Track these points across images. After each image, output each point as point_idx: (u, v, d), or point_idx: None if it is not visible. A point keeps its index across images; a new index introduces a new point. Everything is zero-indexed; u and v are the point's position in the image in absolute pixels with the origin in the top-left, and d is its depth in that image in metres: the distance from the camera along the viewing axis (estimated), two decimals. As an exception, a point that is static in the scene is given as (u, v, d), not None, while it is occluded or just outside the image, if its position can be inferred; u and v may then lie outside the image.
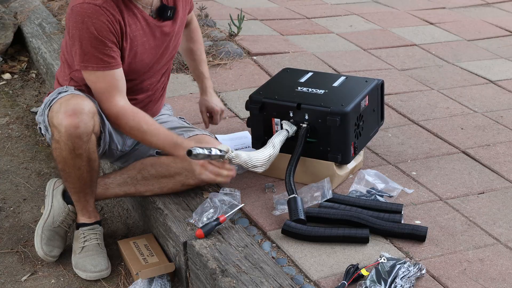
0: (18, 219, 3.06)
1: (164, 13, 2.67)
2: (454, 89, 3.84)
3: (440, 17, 5.20)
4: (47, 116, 2.57)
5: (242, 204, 2.63)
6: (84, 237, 2.70)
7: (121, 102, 2.59)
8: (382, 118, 3.06)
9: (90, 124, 2.50)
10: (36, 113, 4.00)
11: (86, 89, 2.64)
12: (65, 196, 2.77)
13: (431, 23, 5.02)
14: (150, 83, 2.77)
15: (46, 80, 4.33)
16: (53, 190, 2.79)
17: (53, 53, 4.29)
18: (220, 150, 2.51)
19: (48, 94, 2.76)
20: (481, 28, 4.94)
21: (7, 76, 4.48)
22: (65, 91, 2.61)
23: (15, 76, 4.50)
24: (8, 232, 2.98)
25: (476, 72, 4.10)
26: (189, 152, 2.41)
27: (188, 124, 2.95)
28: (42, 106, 2.67)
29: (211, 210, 2.59)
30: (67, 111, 2.46)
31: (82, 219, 2.72)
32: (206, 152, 2.45)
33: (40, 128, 2.79)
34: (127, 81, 2.63)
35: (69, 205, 2.75)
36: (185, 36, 3.02)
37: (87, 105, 2.50)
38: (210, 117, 3.11)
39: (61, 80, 2.76)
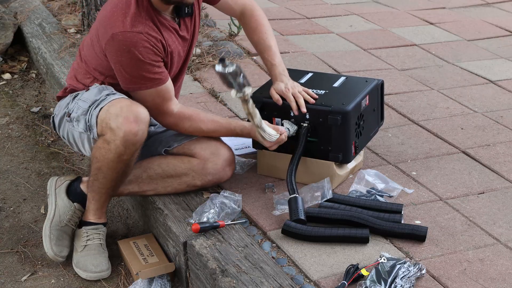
0: (18, 219, 3.06)
1: (181, 11, 2.67)
2: (454, 89, 3.84)
3: (440, 17, 5.20)
4: (96, 116, 2.57)
5: (245, 220, 2.62)
6: (87, 236, 2.70)
7: (176, 109, 2.67)
8: (382, 118, 3.06)
9: (146, 133, 2.56)
10: (36, 113, 4.00)
11: (119, 88, 2.68)
12: (69, 194, 2.76)
13: (431, 23, 5.02)
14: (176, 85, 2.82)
15: (46, 80, 4.33)
16: (56, 189, 2.78)
17: (53, 53, 4.29)
18: (243, 85, 2.43)
19: (68, 91, 2.76)
20: (481, 28, 4.94)
21: (7, 76, 4.48)
22: (113, 93, 2.62)
23: (15, 76, 4.50)
24: (8, 232, 2.98)
25: (476, 72, 4.10)
26: (222, 60, 2.37)
27: None
28: (83, 105, 2.64)
29: (212, 211, 2.59)
30: (129, 117, 2.49)
31: (91, 218, 2.72)
32: (239, 78, 2.41)
33: (53, 122, 2.80)
34: None
35: (74, 203, 2.74)
36: (244, 27, 2.99)
37: (146, 114, 2.55)
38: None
39: (81, 79, 2.75)
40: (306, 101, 2.76)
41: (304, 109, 2.74)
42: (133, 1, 2.54)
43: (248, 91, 2.44)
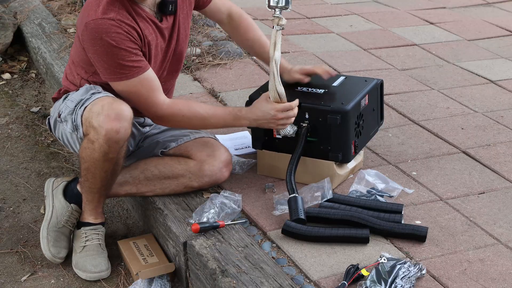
0: (18, 219, 3.06)
1: (165, 8, 2.65)
2: (454, 89, 3.84)
3: (440, 17, 5.19)
4: (81, 116, 2.56)
5: (245, 220, 2.62)
6: (86, 237, 2.70)
7: (166, 100, 2.62)
8: (382, 118, 3.06)
9: (129, 130, 2.53)
10: (36, 113, 4.00)
11: (107, 87, 2.65)
12: (66, 195, 2.76)
13: (431, 23, 5.01)
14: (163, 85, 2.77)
15: (46, 80, 4.33)
16: (53, 190, 2.78)
17: (53, 53, 4.29)
18: None
19: (62, 92, 2.75)
20: (481, 28, 4.93)
21: (6, 76, 4.48)
22: (99, 92, 2.61)
23: (15, 76, 4.49)
24: (8, 232, 2.98)
25: (477, 72, 4.09)
26: None
27: None
28: (70, 105, 2.63)
29: (212, 211, 2.59)
30: (110, 115, 2.47)
31: (88, 219, 2.72)
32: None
33: (49, 123, 2.79)
34: None
35: (71, 204, 2.74)
36: (233, 30, 2.98)
37: (129, 111, 2.52)
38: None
39: (71, 79, 2.75)
40: (306, 100, 2.76)
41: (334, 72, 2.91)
42: None
43: (284, 21, 2.57)
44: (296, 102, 2.67)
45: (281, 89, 2.63)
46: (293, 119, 2.67)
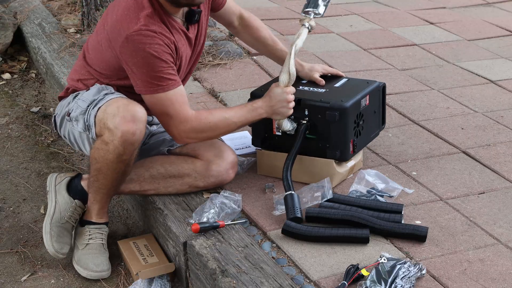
0: (18, 219, 3.06)
1: (192, 18, 2.68)
2: (454, 89, 3.84)
3: (440, 17, 5.19)
4: (94, 116, 2.56)
5: (245, 220, 2.62)
6: (89, 235, 2.70)
7: (193, 112, 2.61)
8: (383, 122, 3.06)
9: (144, 132, 2.54)
10: (36, 113, 4.00)
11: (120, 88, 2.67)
12: (70, 190, 2.76)
13: (431, 23, 5.01)
14: None
15: (46, 80, 4.33)
16: (56, 186, 2.78)
17: (53, 53, 4.29)
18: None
19: (70, 91, 2.74)
20: (481, 28, 4.94)
21: (6, 76, 4.48)
22: (112, 93, 2.61)
23: (15, 76, 4.49)
24: (8, 232, 2.98)
25: (477, 72, 4.09)
26: None
27: None
28: (82, 104, 2.63)
29: (212, 211, 2.59)
30: (126, 117, 2.48)
31: (93, 218, 2.72)
32: None
33: (54, 121, 2.79)
34: None
35: (75, 200, 2.74)
36: (245, 30, 3.01)
37: (143, 113, 2.53)
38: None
39: (83, 79, 2.74)
40: (306, 97, 2.78)
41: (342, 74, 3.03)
42: (145, 3, 2.53)
43: (313, 23, 2.76)
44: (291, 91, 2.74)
45: (293, 71, 2.71)
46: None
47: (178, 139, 2.65)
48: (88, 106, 2.60)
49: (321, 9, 2.79)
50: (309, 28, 2.77)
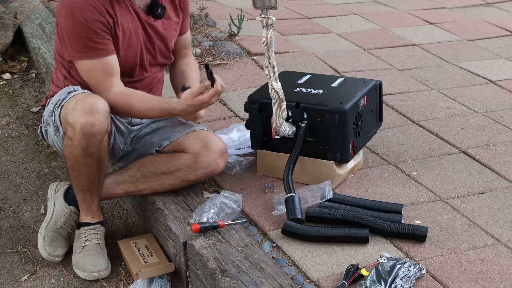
0: (18, 219, 3.06)
1: (155, 9, 2.71)
2: (454, 89, 3.84)
3: (440, 17, 5.20)
4: (59, 116, 2.58)
5: (245, 220, 2.62)
6: (85, 237, 2.70)
7: (118, 89, 2.64)
8: (380, 119, 3.06)
9: (105, 123, 2.53)
10: (36, 113, 4.00)
11: (84, 87, 2.67)
12: (67, 197, 2.78)
13: (431, 23, 5.02)
14: (143, 81, 2.80)
15: (46, 80, 4.33)
16: (55, 193, 2.80)
17: (53, 53, 4.29)
18: None
19: (48, 97, 2.77)
20: (481, 28, 4.94)
21: (7, 76, 4.48)
22: (75, 90, 2.63)
23: (15, 76, 4.49)
24: (8, 232, 2.98)
25: (476, 72, 4.09)
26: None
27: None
28: (50, 107, 2.67)
29: (212, 211, 2.59)
30: (84, 109, 2.49)
31: (85, 219, 2.72)
32: None
33: (41, 132, 2.80)
34: (122, 74, 2.67)
35: (71, 206, 2.75)
36: (176, 70, 2.97)
37: (103, 104, 2.54)
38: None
39: (56, 82, 2.78)
40: (304, 100, 2.78)
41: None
42: None
43: (273, 19, 2.60)
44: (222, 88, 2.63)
45: (278, 85, 2.68)
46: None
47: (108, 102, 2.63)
48: (53, 107, 2.63)
49: (272, 2, 2.62)
50: (272, 26, 2.64)
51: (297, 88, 2.90)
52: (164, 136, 2.80)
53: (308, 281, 2.31)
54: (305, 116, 2.76)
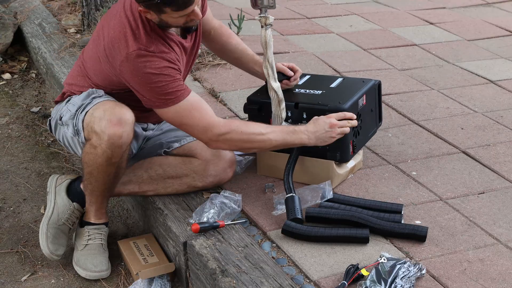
0: (18, 219, 3.06)
1: (190, 29, 2.63)
2: (454, 89, 3.84)
3: (440, 17, 5.20)
4: (82, 120, 2.56)
5: (245, 220, 2.62)
6: (88, 236, 2.70)
7: (221, 119, 2.57)
8: (380, 119, 3.06)
9: (131, 135, 2.53)
10: (36, 113, 4.00)
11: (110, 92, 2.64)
12: (69, 193, 2.77)
13: (431, 23, 5.02)
14: None
15: (46, 80, 4.33)
16: (56, 187, 2.79)
17: (53, 53, 4.29)
18: None
19: (66, 95, 2.74)
20: (481, 28, 4.94)
21: (7, 76, 4.48)
22: (100, 96, 2.60)
23: (15, 76, 4.50)
24: (8, 232, 2.98)
25: (476, 72, 4.09)
26: None
27: None
28: (72, 108, 2.63)
29: (212, 211, 2.59)
30: (112, 120, 2.47)
31: (91, 219, 2.72)
32: None
33: (50, 125, 2.79)
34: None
35: (74, 203, 2.74)
36: (217, 38, 2.95)
37: (130, 115, 2.52)
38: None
39: (80, 86, 2.72)
40: (304, 101, 2.79)
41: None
42: (139, 21, 2.49)
43: (272, 19, 2.59)
44: (351, 114, 2.69)
45: (276, 85, 2.68)
46: (350, 124, 2.68)
47: (210, 145, 2.61)
48: (76, 110, 2.62)
49: (271, 1, 2.62)
50: (270, 26, 2.65)
51: (296, 89, 2.91)
52: (174, 138, 2.80)
53: (308, 281, 2.31)
54: (304, 116, 2.76)
